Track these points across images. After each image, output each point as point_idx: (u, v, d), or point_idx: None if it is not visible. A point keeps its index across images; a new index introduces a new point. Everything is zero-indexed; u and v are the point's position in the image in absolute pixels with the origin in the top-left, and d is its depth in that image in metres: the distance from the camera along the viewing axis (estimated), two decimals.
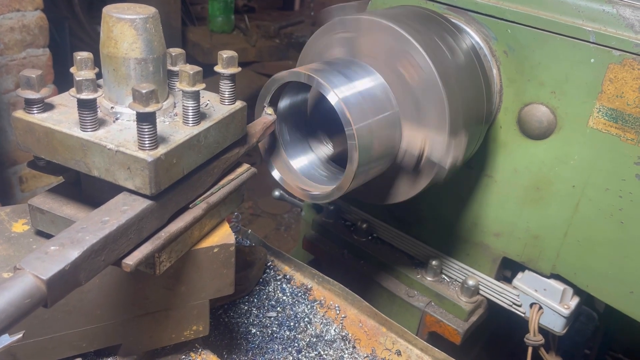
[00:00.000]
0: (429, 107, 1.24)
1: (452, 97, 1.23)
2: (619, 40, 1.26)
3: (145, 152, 0.86)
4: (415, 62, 1.22)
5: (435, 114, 1.23)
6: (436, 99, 1.22)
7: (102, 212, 0.85)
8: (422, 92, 1.24)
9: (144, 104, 0.83)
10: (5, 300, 0.68)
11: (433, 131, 1.25)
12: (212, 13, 6.49)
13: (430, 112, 1.24)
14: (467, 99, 1.32)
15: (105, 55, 0.94)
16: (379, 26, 1.27)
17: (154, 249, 0.90)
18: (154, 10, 0.95)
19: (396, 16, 1.31)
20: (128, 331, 1.07)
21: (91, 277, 0.79)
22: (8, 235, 1.04)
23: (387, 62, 1.27)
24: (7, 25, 2.75)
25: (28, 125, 0.92)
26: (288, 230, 4.45)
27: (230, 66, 1.04)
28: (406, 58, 1.24)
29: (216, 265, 1.08)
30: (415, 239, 1.83)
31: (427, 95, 1.23)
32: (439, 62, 1.23)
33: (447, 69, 1.25)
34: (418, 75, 1.23)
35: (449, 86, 1.23)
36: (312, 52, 1.41)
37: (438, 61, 1.23)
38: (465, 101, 1.31)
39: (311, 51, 1.41)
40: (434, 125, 1.24)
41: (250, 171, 1.12)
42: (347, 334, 1.39)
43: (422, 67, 1.22)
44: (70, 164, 0.92)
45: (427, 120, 1.25)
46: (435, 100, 1.22)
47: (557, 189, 1.47)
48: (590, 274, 1.50)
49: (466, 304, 1.71)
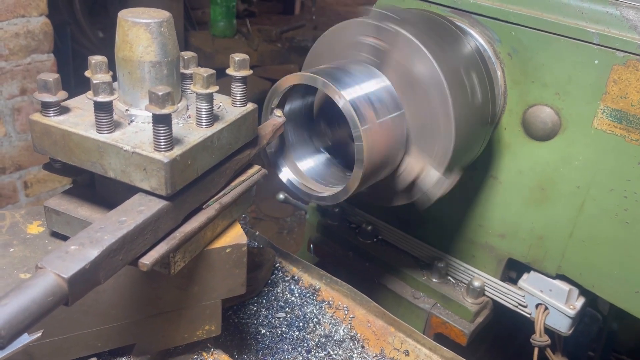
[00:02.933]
0: (436, 141, 1.26)
1: (461, 139, 1.26)
2: (623, 42, 1.28)
3: (161, 153, 0.88)
4: (437, 98, 1.23)
5: (440, 149, 1.26)
6: (445, 137, 1.24)
7: (119, 212, 0.87)
8: (435, 125, 1.25)
9: (160, 105, 0.85)
10: (29, 298, 0.69)
11: (432, 163, 1.27)
12: (214, 18, 6.52)
13: (435, 145, 1.26)
14: (472, 100, 1.34)
15: (121, 58, 0.95)
16: (415, 49, 1.23)
17: (169, 248, 0.91)
18: (168, 14, 0.96)
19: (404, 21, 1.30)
20: (142, 331, 1.08)
21: (110, 276, 0.81)
22: (24, 237, 1.05)
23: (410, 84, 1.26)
24: (12, 31, 2.77)
25: (45, 128, 0.93)
26: (291, 233, 4.46)
27: (242, 69, 1.05)
28: (430, 90, 1.24)
29: (228, 265, 1.09)
30: (420, 240, 1.84)
31: (439, 130, 1.25)
32: (458, 102, 1.24)
33: (464, 109, 1.26)
34: (436, 109, 1.24)
35: (461, 127, 1.25)
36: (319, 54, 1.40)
37: (458, 102, 1.24)
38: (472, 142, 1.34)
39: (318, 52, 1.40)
40: (435, 158, 1.27)
41: (261, 172, 1.14)
42: (355, 334, 1.40)
43: (442, 103, 1.23)
44: (86, 165, 0.93)
45: (430, 150, 1.28)
46: (445, 137, 1.24)
47: (562, 190, 1.49)
48: (595, 274, 1.51)
49: (472, 305, 1.72)
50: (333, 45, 1.37)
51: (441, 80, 1.22)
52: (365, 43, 1.31)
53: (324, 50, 1.40)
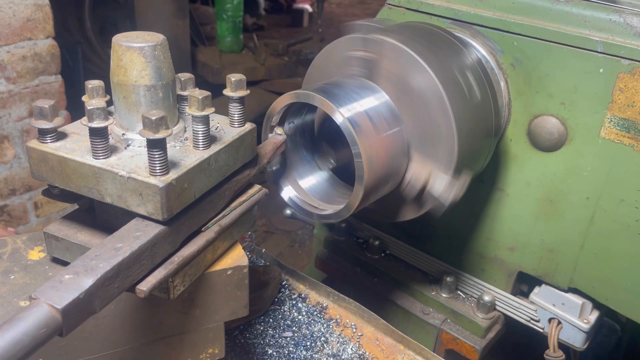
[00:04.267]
0: (439, 144, 1.24)
1: (463, 138, 1.23)
2: (628, 49, 1.26)
3: (157, 178, 0.87)
4: (433, 99, 1.22)
5: (444, 152, 1.23)
6: (448, 139, 1.22)
7: (115, 239, 0.86)
8: (435, 128, 1.23)
9: (153, 130, 0.84)
10: (21, 331, 0.68)
11: (439, 167, 1.25)
12: (221, 33, 6.58)
13: (439, 149, 1.24)
14: (478, 136, 1.32)
15: (116, 83, 0.95)
16: (402, 54, 1.24)
17: (167, 274, 0.90)
18: (162, 37, 0.96)
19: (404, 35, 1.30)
20: (144, 356, 1.07)
21: (106, 304, 0.80)
22: (25, 263, 1.05)
23: (404, 91, 1.25)
24: (19, 54, 2.81)
25: (42, 155, 0.93)
26: (302, 246, 4.45)
27: (238, 89, 1.04)
28: (425, 92, 1.22)
29: (230, 288, 1.08)
30: (428, 255, 1.82)
31: (439, 133, 1.23)
32: (456, 101, 1.22)
33: (462, 108, 1.24)
34: (434, 111, 1.22)
35: (462, 126, 1.22)
36: (326, 66, 1.39)
37: (455, 101, 1.22)
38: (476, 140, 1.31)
39: (324, 65, 1.40)
40: (440, 162, 1.24)
41: (261, 192, 1.12)
42: (364, 352, 1.37)
43: (439, 104, 1.21)
44: (83, 191, 0.93)
45: (435, 155, 1.25)
46: (447, 139, 1.22)
47: (571, 201, 1.46)
48: (609, 287, 1.47)
49: (483, 320, 1.69)
50: (328, 63, 1.38)
51: (433, 80, 1.20)
52: (355, 57, 1.31)
53: (321, 66, 1.40)
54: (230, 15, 6.40)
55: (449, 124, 1.21)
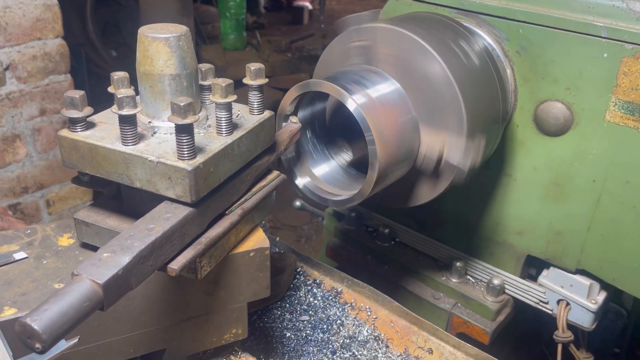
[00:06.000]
0: (447, 111, 1.28)
1: (469, 101, 1.27)
2: (631, 34, 1.30)
3: (185, 162, 0.91)
4: (431, 68, 1.27)
5: (453, 118, 1.27)
6: (453, 103, 1.26)
7: (147, 220, 0.90)
8: (439, 97, 1.28)
9: (182, 116, 0.88)
10: (67, 304, 0.73)
11: (451, 135, 1.28)
12: (224, 31, 6.61)
13: (447, 116, 1.28)
14: (483, 100, 1.36)
15: (142, 73, 0.99)
16: (393, 33, 1.31)
17: (196, 253, 0.94)
18: (185, 28, 1.00)
19: (410, 23, 1.36)
20: (172, 336, 1.11)
21: (141, 281, 0.84)
22: (55, 249, 1.09)
23: (404, 69, 1.31)
24: (30, 54, 2.85)
25: (73, 143, 0.97)
26: (309, 241, 4.49)
27: (258, 77, 1.09)
28: (422, 64, 1.28)
29: (252, 269, 1.12)
30: (438, 241, 1.85)
31: (444, 100, 1.27)
32: (453, 66, 1.27)
33: (462, 72, 1.29)
34: (434, 80, 1.27)
35: (465, 90, 1.27)
36: (329, 62, 1.45)
37: (453, 65, 1.27)
38: (482, 103, 1.35)
39: (328, 61, 1.46)
40: (452, 129, 1.28)
41: (280, 177, 1.17)
42: (379, 334, 1.42)
43: (438, 72, 1.26)
44: (113, 177, 0.97)
45: (445, 124, 1.29)
46: (453, 104, 1.26)
47: (578, 185, 1.49)
48: (616, 268, 1.51)
49: (493, 304, 1.73)
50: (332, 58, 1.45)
51: (426, 47, 1.26)
52: (354, 47, 1.38)
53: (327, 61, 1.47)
54: (233, 13, 6.44)
55: (452, 88, 1.25)
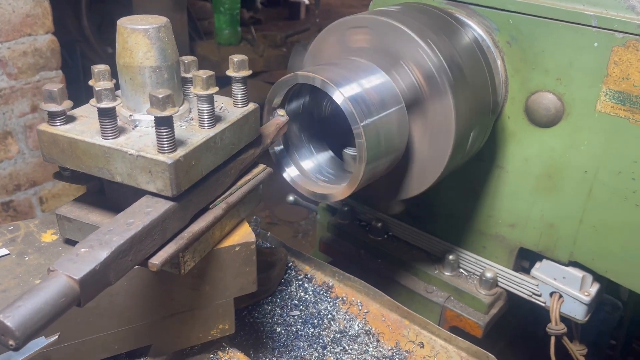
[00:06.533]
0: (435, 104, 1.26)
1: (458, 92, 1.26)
2: (621, 23, 1.28)
3: (165, 155, 0.90)
4: (420, 60, 1.25)
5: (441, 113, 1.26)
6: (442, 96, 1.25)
7: (127, 214, 0.88)
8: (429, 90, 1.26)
9: (161, 108, 0.87)
10: (42, 300, 0.71)
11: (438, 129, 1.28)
12: (219, 26, 6.57)
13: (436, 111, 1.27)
14: (473, 91, 1.35)
15: (122, 65, 0.98)
16: (382, 25, 1.29)
17: (178, 248, 0.93)
18: (165, 19, 0.99)
19: (399, 14, 1.34)
20: (157, 332, 1.10)
21: (120, 277, 0.83)
22: (38, 246, 1.08)
23: (392, 60, 1.29)
24: (20, 50, 2.83)
25: (52, 137, 0.96)
26: (305, 237, 4.48)
27: (241, 69, 1.07)
28: (410, 55, 1.26)
29: (238, 264, 1.11)
30: (430, 234, 1.84)
31: (433, 93, 1.26)
32: (443, 58, 1.25)
33: (451, 64, 1.27)
34: (423, 73, 1.26)
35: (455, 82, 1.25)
36: (317, 54, 1.44)
37: (443, 57, 1.25)
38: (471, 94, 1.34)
39: (316, 53, 1.44)
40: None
41: (266, 171, 1.15)
42: (370, 328, 1.40)
43: (427, 65, 1.24)
44: (94, 171, 0.96)
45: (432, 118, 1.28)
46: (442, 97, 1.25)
47: (569, 176, 1.48)
48: (608, 259, 1.50)
49: (485, 297, 1.72)
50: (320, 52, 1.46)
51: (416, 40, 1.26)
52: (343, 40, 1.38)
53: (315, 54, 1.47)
54: (228, 8, 6.39)
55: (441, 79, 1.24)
